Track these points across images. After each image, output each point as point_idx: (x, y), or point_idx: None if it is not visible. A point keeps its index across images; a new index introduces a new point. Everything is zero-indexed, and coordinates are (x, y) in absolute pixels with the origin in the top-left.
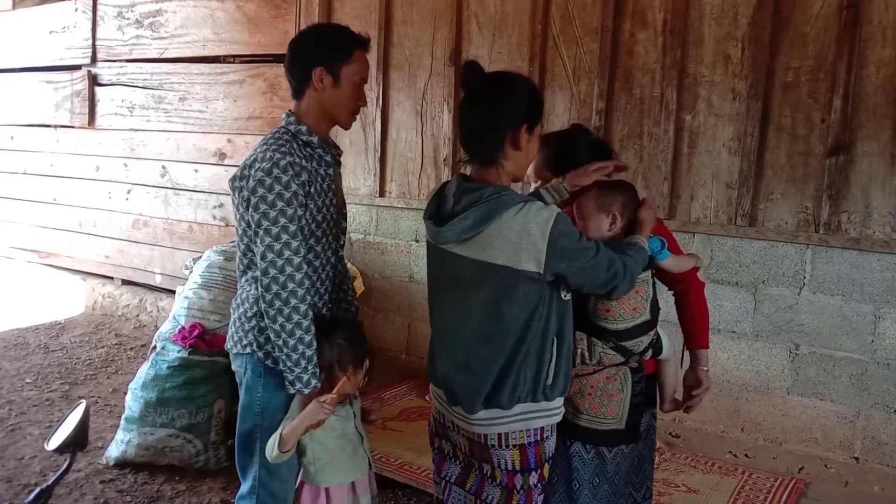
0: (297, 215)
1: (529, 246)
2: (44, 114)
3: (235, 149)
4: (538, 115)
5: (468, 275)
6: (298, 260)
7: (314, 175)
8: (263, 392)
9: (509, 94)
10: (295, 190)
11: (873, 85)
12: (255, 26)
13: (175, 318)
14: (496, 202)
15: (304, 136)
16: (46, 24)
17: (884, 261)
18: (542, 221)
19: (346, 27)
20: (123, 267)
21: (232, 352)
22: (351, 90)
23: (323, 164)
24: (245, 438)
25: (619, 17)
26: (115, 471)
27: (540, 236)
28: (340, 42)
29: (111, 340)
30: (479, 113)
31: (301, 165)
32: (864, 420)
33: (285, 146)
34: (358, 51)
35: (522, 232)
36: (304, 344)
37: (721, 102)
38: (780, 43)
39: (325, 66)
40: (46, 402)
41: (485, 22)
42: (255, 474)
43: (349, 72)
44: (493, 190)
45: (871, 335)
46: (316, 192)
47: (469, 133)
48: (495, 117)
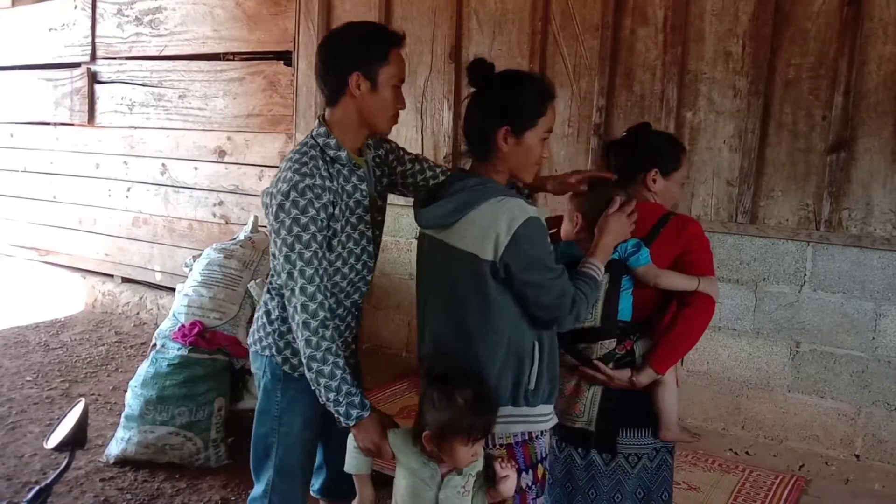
0: (314, 241)
1: (492, 235)
2: (43, 111)
3: (235, 146)
4: (534, 115)
5: (444, 263)
6: (312, 289)
7: (339, 194)
8: (282, 397)
9: (507, 89)
10: (312, 215)
11: (874, 81)
12: (255, 23)
13: (175, 316)
14: (479, 191)
15: (331, 152)
16: (46, 22)
17: (885, 258)
18: (513, 216)
19: (378, 24)
20: (123, 265)
21: (251, 349)
22: (390, 94)
23: (353, 180)
24: (261, 442)
25: (619, 14)
26: (115, 468)
27: (506, 229)
28: (375, 43)
29: (111, 338)
30: (476, 106)
31: (323, 187)
32: (865, 417)
33: (308, 164)
34: (394, 50)
35: (492, 221)
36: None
37: (722, 99)
38: (781, 39)
39: (362, 71)
40: (47, 399)
41: (485, 18)
42: (269, 479)
43: (387, 74)
44: (478, 181)
45: (871, 332)
46: (341, 212)
47: (466, 125)
48: (490, 112)
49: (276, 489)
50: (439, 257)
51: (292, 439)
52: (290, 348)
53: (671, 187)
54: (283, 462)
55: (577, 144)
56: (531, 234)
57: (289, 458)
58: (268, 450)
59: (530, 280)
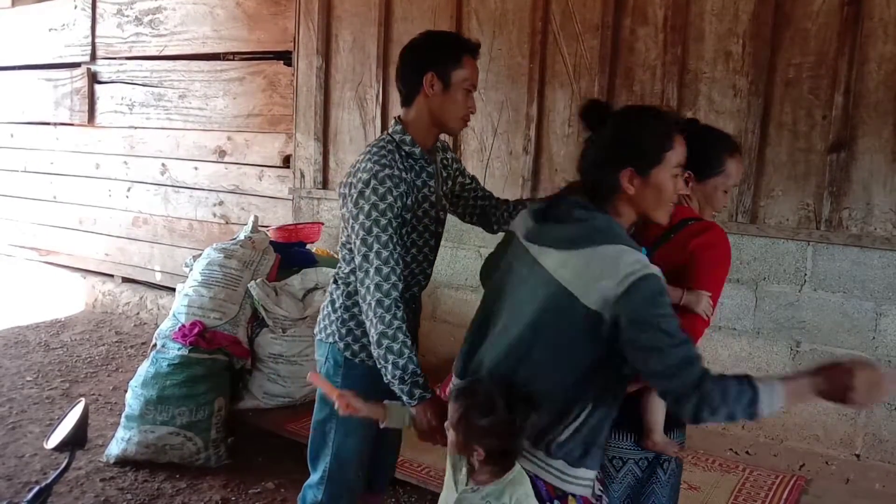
0: (390, 226)
1: (604, 284)
2: (43, 111)
3: (235, 146)
4: (659, 150)
5: (532, 283)
6: (387, 270)
7: (412, 186)
8: (342, 383)
9: (625, 128)
10: (390, 202)
11: (874, 81)
12: (255, 23)
13: (175, 316)
14: (604, 232)
15: (406, 147)
16: (46, 22)
17: (885, 257)
18: (633, 270)
19: (456, 33)
20: (123, 265)
21: (316, 338)
22: (461, 95)
23: (423, 175)
24: (320, 427)
25: (619, 14)
26: (115, 468)
27: (622, 279)
28: (450, 47)
29: (111, 338)
30: (594, 148)
31: (400, 178)
32: (866, 417)
33: (387, 157)
34: (467, 56)
35: (608, 268)
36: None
37: (722, 99)
38: (782, 39)
39: (436, 71)
40: (47, 399)
41: (485, 18)
42: (326, 465)
43: (459, 77)
44: (605, 220)
45: (872, 332)
46: (413, 203)
47: (584, 169)
48: (609, 154)
49: (332, 476)
50: (527, 274)
51: (351, 426)
52: (352, 335)
53: (708, 192)
54: (341, 449)
55: (578, 144)
56: (650, 291)
57: (346, 444)
58: (325, 436)
59: (642, 341)
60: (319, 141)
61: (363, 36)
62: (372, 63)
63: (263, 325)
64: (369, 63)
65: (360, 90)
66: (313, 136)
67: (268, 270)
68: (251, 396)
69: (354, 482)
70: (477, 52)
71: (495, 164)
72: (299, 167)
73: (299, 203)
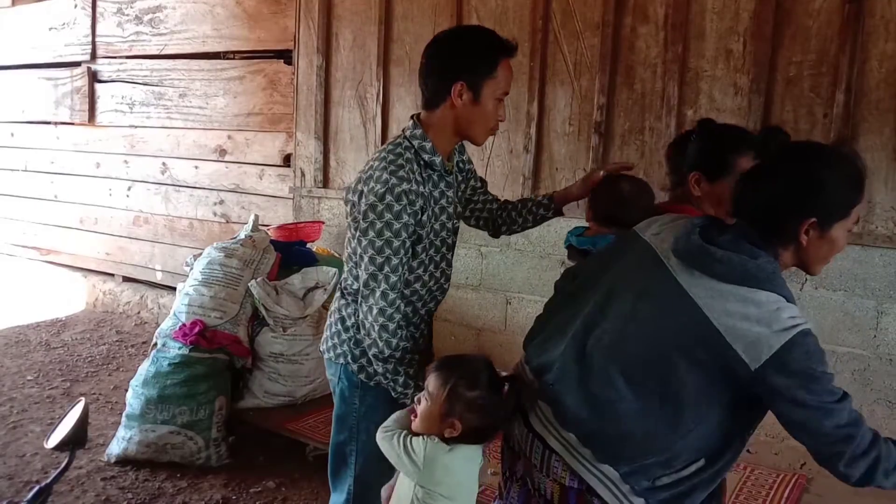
0: (402, 248)
1: (762, 330)
2: (44, 111)
3: (236, 145)
4: (847, 205)
5: (663, 301)
6: (393, 296)
7: (428, 198)
8: (360, 405)
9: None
10: (405, 221)
11: (876, 79)
12: (255, 22)
13: (176, 315)
14: (768, 275)
15: (426, 156)
16: (46, 21)
17: (886, 256)
18: (795, 323)
19: (491, 32)
20: (124, 264)
21: (324, 356)
22: (492, 106)
23: (441, 185)
24: (339, 449)
25: (620, 12)
26: (116, 468)
27: (780, 333)
28: (485, 53)
29: (112, 337)
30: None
31: (417, 192)
32: (867, 415)
33: (404, 168)
34: (504, 61)
35: (767, 315)
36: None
37: (723, 97)
38: (782, 37)
39: (467, 82)
40: (48, 399)
41: (485, 17)
42: (349, 487)
43: (492, 87)
44: (768, 261)
45: (873, 330)
46: (428, 218)
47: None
48: (790, 199)
49: (357, 497)
50: (661, 290)
51: (371, 447)
52: (367, 356)
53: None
54: (363, 470)
55: (579, 142)
56: (811, 347)
57: (368, 465)
58: (346, 458)
59: (806, 400)
60: (320, 140)
61: (363, 34)
62: (372, 62)
63: (264, 324)
64: (370, 62)
65: (360, 89)
66: (314, 134)
67: (268, 269)
68: (252, 395)
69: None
70: (514, 54)
71: (496, 162)
72: (300, 166)
73: (300, 202)
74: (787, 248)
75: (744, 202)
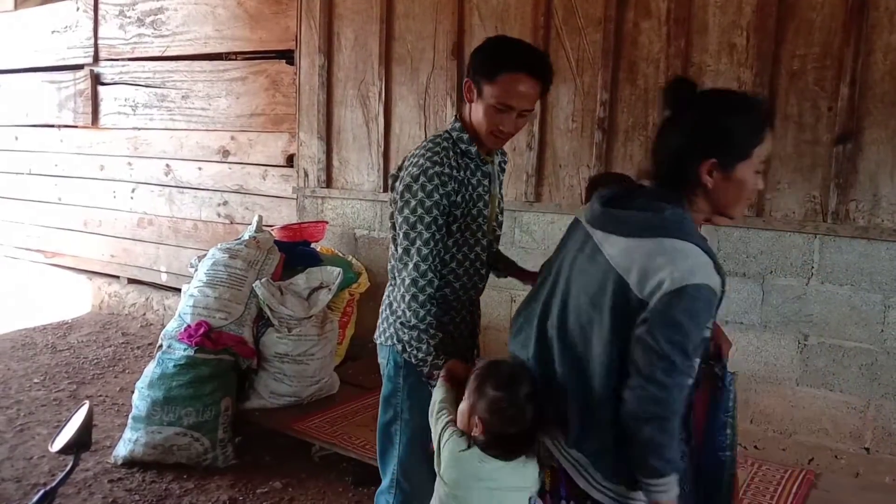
0: (434, 224)
1: (658, 276)
2: (47, 114)
3: (239, 146)
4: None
5: (590, 266)
6: (425, 267)
7: (464, 184)
8: (404, 385)
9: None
10: (437, 200)
11: (881, 71)
12: (257, 22)
13: (181, 317)
14: (674, 225)
15: (463, 145)
16: (48, 24)
17: (892, 249)
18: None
19: (522, 45)
20: (129, 266)
21: (377, 342)
22: (488, 110)
23: (478, 174)
24: (385, 430)
25: (622, 7)
26: (123, 470)
27: (676, 279)
28: (490, 59)
29: (118, 339)
30: (671, 133)
31: (450, 175)
32: (875, 410)
33: (440, 154)
34: (506, 74)
35: (667, 262)
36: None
37: None
38: (786, 31)
39: (472, 80)
40: (54, 401)
41: (487, 14)
42: (394, 469)
43: (489, 92)
44: (678, 213)
45: (880, 324)
46: (464, 200)
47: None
48: (691, 141)
49: (400, 481)
50: (587, 262)
51: (414, 427)
52: None
53: None
54: (407, 450)
55: (582, 139)
56: (696, 303)
57: (412, 445)
58: (392, 437)
59: (653, 341)
60: (323, 139)
61: (365, 33)
62: (374, 60)
63: (269, 325)
64: (371, 60)
65: (362, 88)
66: (316, 134)
67: (272, 270)
68: (257, 396)
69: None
70: (524, 68)
71: None
72: (303, 166)
73: (303, 202)
74: (696, 193)
75: (656, 151)
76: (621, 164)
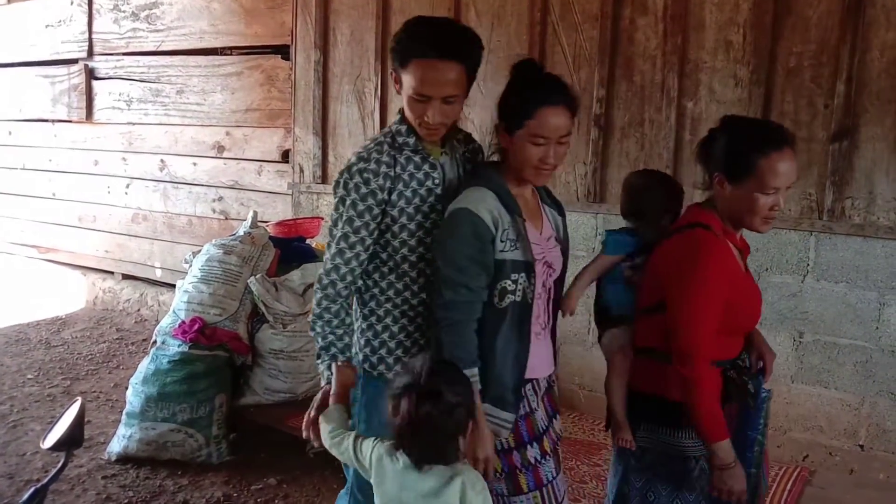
0: (355, 219)
1: None
2: (41, 108)
3: (234, 141)
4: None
5: None
6: (339, 263)
7: (399, 180)
8: (362, 395)
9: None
10: (356, 198)
11: (877, 69)
12: (252, 17)
13: (175, 313)
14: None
15: (401, 138)
16: (42, 18)
17: (888, 247)
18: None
19: (432, 26)
20: (123, 261)
21: None
22: (409, 101)
23: (424, 168)
24: None
25: (618, 3)
26: (116, 466)
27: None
28: (400, 46)
29: (112, 335)
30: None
31: (377, 172)
32: (869, 407)
33: (371, 150)
34: (416, 60)
35: None
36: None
37: (723, 89)
38: (783, 27)
39: (394, 68)
40: (48, 397)
41: (483, 10)
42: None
43: (406, 82)
44: (485, 169)
45: (875, 322)
46: (400, 197)
47: None
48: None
49: (356, 492)
50: None
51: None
52: (370, 346)
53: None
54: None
55: (578, 135)
56: (451, 221)
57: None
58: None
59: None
60: (318, 135)
61: (361, 29)
62: (370, 56)
63: (263, 321)
64: (367, 56)
65: (358, 83)
66: (312, 130)
67: (267, 266)
68: (252, 392)
69: None
70: (435, 52)
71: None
72: (298, 162)
73: (299, 198)
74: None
75: None
76: (617, 161)
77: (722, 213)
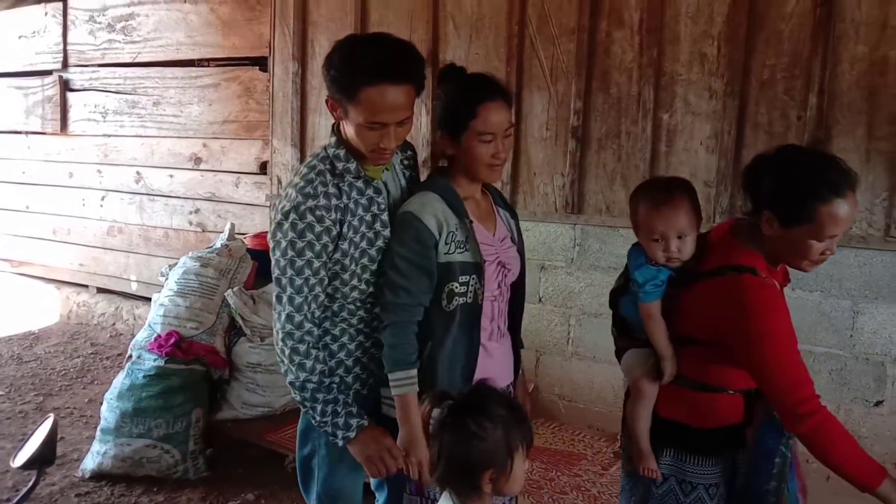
0: (307, 267)
1: None
2: (14, 120)
3: (211, 153)
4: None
5: None
6: (300, 318)
7: (348, 211)
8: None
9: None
10: (310, 240)
11: (847, 82)
12: (229, 29)
13: (151, 327)
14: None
15: (340, 165)
16: (16, 29)
17: (861, 256)
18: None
19: (376, 46)
20: (98, 275)
21: None
22: (360, 130)
23: (367, 193)
24: (305, 462)
25: (595, 17)
26: (91, 483)
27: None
28: (345, 74)
29: (87, 350)
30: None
31: (328, 207)
32: (845, 414)
33: (313, 182)
34: (367, 89)
35: None
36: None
37: (698, 101)
38: (756, 41)
39: (333, 99)
40: (20, 414)
41: (461, 23)
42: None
43: (354, 112)
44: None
45: (849, 330)
46: (350, 228)
47: None
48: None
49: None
50: None
51: (332, 460)
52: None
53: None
54: (327, 484)
55: (556, 147)
56: (395, 225)
57: (331, 479)
58: (311, 473)
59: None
60: (296, 147)
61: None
62: None
63: (241, 335)
64: None
65: None
66: (290, 142)
67: (245, 278)
68: (229, 407)
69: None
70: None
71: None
72: (276, 174)
73: None
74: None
75: None
76: (595, 172)
77: (766, 252)
